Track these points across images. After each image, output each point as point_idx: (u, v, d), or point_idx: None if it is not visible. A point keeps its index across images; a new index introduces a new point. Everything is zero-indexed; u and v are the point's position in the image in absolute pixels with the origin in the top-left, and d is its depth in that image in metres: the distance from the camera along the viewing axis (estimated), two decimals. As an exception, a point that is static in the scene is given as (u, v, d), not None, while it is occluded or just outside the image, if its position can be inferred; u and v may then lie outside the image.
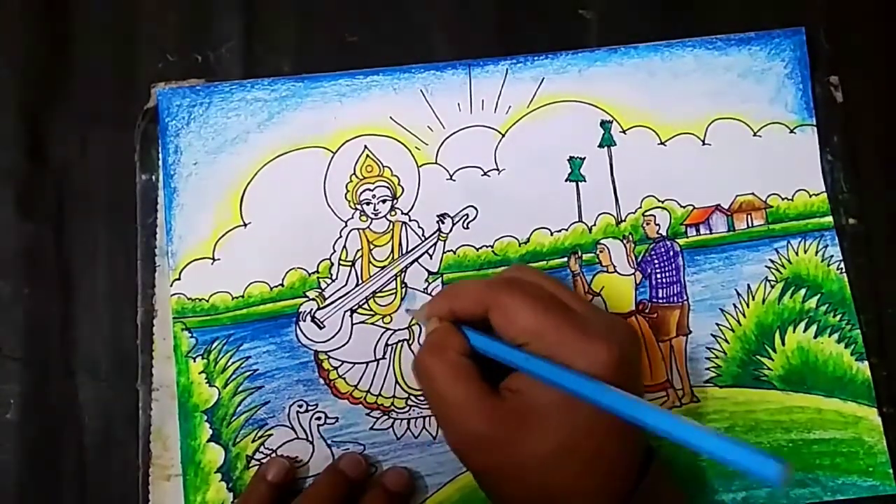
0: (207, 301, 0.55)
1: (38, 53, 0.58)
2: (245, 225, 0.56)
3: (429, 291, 0.55)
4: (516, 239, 0.56)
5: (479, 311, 0.46)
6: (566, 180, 0.57)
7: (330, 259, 0.56)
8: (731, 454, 0.35)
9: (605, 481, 0.43)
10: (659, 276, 0.56)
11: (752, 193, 0.57)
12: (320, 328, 0.55)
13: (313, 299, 0.55)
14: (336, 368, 0.54)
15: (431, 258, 0.56)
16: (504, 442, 0.43)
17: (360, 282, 0.55)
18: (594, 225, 0.57)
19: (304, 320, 0.55)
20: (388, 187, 0.57)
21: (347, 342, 0.55)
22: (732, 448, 0.36)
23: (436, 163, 0.57)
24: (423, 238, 0.56)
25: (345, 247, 0.56)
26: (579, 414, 0.42)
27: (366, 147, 0.57)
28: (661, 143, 0.58)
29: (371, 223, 0.56)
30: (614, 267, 0.56)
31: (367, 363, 0.55)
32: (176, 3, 0.59)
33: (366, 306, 0.55)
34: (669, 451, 0.53)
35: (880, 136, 0.59)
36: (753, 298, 0.56)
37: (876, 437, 0.54)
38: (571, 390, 0.41)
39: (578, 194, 0.57)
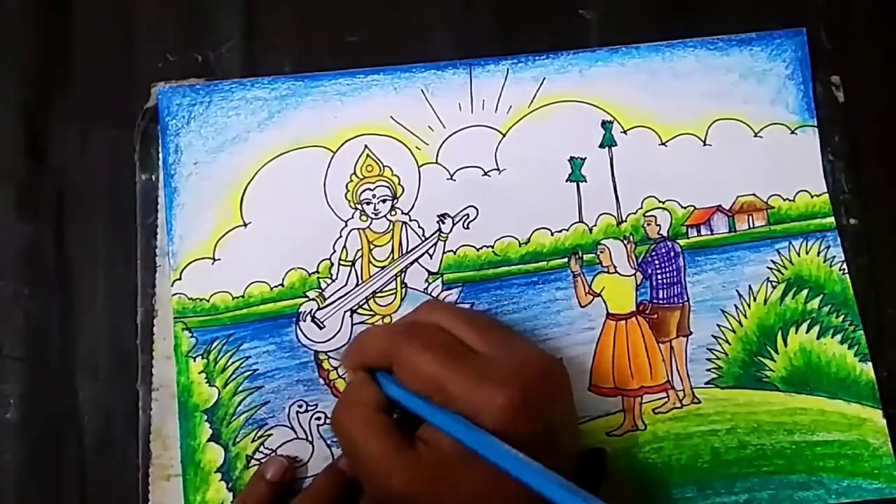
0: (208, 301, 0.55)
1: (38, 53, 0.58)
2: (245, 225, 0.56)
3: (429, 292, 0.55)
4: (517, 239, 0.56)
5: (384, 363, 0.46)
6: (567, 180, 0.57)
7: (330, 259, 0.55)
8: None
9: None
10: (660, 276, 0.56)
11: (754, 194, 0.57)
12: (320, 328, 0.55)
13: (313, 299, 0.55)
14: (336, 368, 0.54)
15: (432, 258, 0.56)
16: (420, 499, 0.42)
17: (361, 282, 0.55)
18: (595, 225, 0.56)
19: (305, 320, 0.55)
20: (388, 187, 0.56)
21: (347, 342, 0.55)
22: None
23: (436, 163, 0.57)
24: (423, 238, 0.56)
25: (345, 247, 0.56)
26: (480, 473, 0.41)
27: (366, 147, 0.57)
28: (662, 144, 0.58)
29: (371, 223, 0.56)
30: (615, 267, 0.56)
31: (368, 363, 0.54)
32: (176, 3, 0.59)
33: (366, 306, 0.55)
34: (670, 450, 0.53)
35: (881, 136, 0.59)
36: (755, 299, 0.56)
37: (881, 438, 0.54)
38: (465, 443, 0.41)
39: (579, 194, 0.57)
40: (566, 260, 0.56)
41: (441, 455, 0.43)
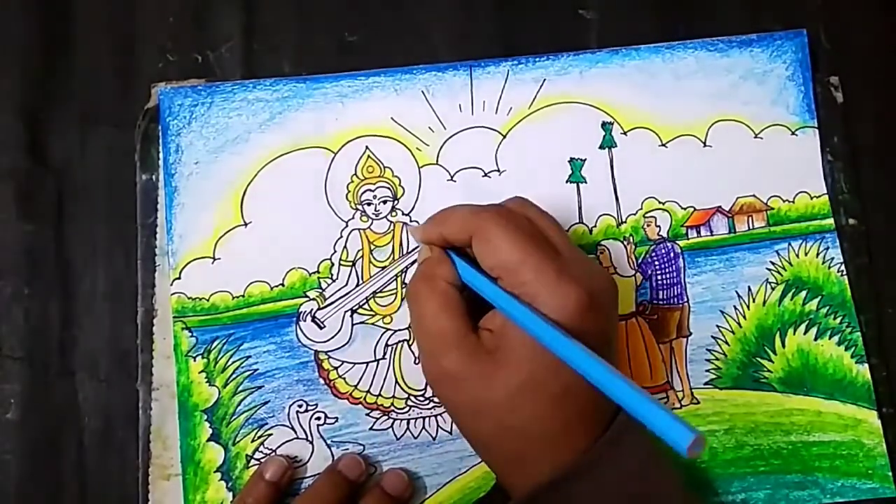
0: (208, 300, 0.55)
1: (38, 53, 0.58)
2: (246, 224, 0.56)
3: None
4: (517, 240, 0.56)
5: (464, 237, 0.47)
6: (567, 182, 0.57)
7: (330, 259, 0.56)
8: (660, 420, 0.38)
9: (570, 424, 0.44)
10: (659, 277, 0.56)
11: (753, 195, 0.57)
12: (320, 328, 0.55)
13: (314, 299, 0.55)
14: (336, 368, 0.54)
15: (432, 259, 0.56)
16: (475, 380, 0.44)
17: (361, 282, 0.55)
18: (595, 226, 0.57)
19: (305, 320, 0.55)
20: (388, 188, 0.56)
21: (348, 342, 0.55)
22: (663, 415, 0.38)
23: (437, 164, 0.57)
24: (423, 239, 0.56)
25: (345, 247, 0.56)
26: (545, 355, 0.43)
27: (367, 148, 0.57)
28: (662, 145, 0.58)
29: (372, 224, 0.56)
30: (615, 268, 0.56)
31: (368, 363, 0.55)
32: (176, 3, 0.59)
33: (366, 306, 0.55)
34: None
35: (880, 137, 0.59)
36: (754, 300, 0.56)
37: (875, 439, 0.54)
38: (532, 332, 0.42)
39: (579, 196, 0.57)
40: (566, 261, 0.56)
41: (504, 341, 0.44)
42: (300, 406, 0.54)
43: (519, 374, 0.43)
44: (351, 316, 0.55)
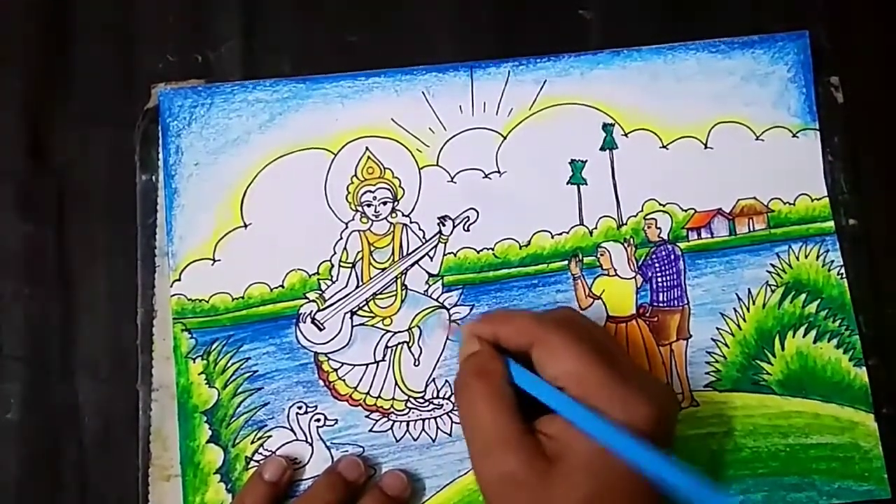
0: (207, 302, 0.55)
1: (38, 53, 0.58)
2: (246, 226, 0.56)
3: (429, 294, 0.55)
4: (517, 241, 0.56)
5: (523, 342, 0.45)
6: (567, 183, 0.57)
7: (330, 260, 0.55)
8: None
9: None
10: (660, 279, 0.56)
11: (754, 197, 0.57)
12: (320, 330, 0.55)
13: (313, 301, 0.55)
14: (336, 370, 0.54)
15: (432, 260, 0.56)
16: (533, 486, 0.42)
17: (361, 283, 0.55)
18: (595, 228, 0.57)
19: (305, 322, 0.55)
20: (389, 189, 0.56)
21: (347, 344, 0.55)
22: None
23: (437, 165, 0.57)
24: (423, 240, 0.56)
25: (345, 248, 0.56)
26: (612, 468, 0.41)
27: (367, 149, 0.57)
28: (663, 147, 0.57)
29: (372, 225, 0.56)
30: (615, 270, 0.56)
31: (367, 365, 0.55)
32: (176, 3, 0.59)
33: (366, 308, 0.55)
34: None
35: (881, 137, 0.59)
36: (754, 303, 0.56)
37: (872, 442, 0.54)
38: (608, 443, 0.41)
39: (580, 197, 0.57)
40: (566, 262, 0.56)
41: (567, 451, 0.42)
42: (300, 408, 0.54)
43: (583, 488, 0.41)
44: (351, 317, 0.55)
